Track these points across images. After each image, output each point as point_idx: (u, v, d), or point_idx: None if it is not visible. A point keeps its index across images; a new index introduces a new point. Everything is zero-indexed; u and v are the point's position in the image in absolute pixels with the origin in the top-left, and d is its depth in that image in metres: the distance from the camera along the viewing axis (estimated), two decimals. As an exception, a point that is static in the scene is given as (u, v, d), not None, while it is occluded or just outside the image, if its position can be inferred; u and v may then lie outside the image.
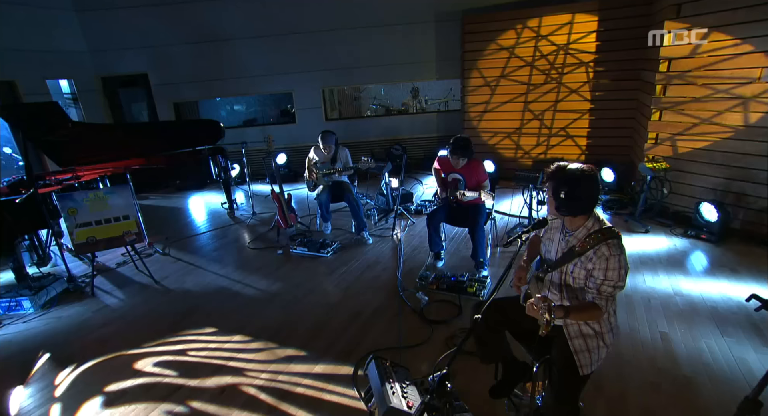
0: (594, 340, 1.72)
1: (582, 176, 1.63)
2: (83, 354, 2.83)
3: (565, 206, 1.66)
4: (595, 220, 1.72)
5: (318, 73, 7.47)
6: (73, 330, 3.15)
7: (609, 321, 1.75)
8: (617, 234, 1.66)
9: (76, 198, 3.45)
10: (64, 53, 6.86)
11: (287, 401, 2.30)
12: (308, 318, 3.11)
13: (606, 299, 1.63)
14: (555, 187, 1.66)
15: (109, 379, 2.55)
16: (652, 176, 4.45)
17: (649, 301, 3.03)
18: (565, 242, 1.76)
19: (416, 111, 8.77)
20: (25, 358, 2.83)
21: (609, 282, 1.62)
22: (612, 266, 1.60)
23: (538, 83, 6.06)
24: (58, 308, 3.47)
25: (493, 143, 6.62)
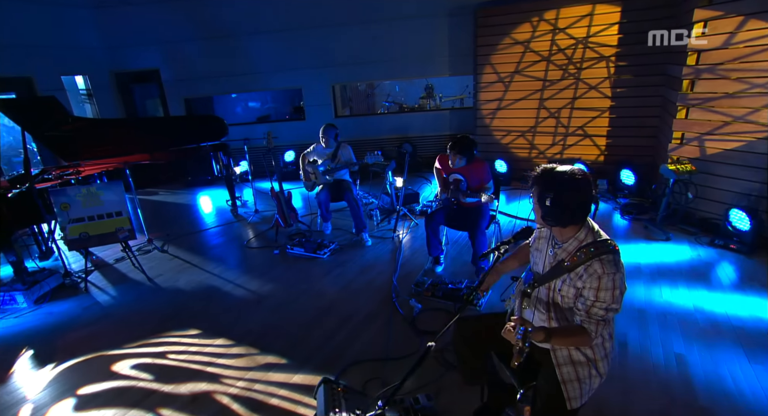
0: (585, 368, 1.50)
1: (571, 180, 1.42)
2: (64, 352, 2.78)
3: (551, 214, 1.45)
4: (588, 231, 1.50)
5: (327, 69, 7.35)
6: (60, 327, 3.12)
7: (603, 346, 1.53)
8: (613, 249, 1.44)
9: (69, 193, 3.43)
10: (79, 49, 6.97)
11: (259, 413, 2.16)
12: (295, 323, 2.98)
13: (597, 323, 1.42)
14: (540, 192, 1.45)
15: (84, 381, 2.49)
16: (675, 179, 4.11)
17: (665, 317, 2.75)
18: (553, 255, 1.55)
19: (430, 109, 8.54)
20: (9, 355, 2.80)
21: (601, 304, 1.40)
22: (605, 285, 1.38)
23: (554, 79, 5.75)
24: (50, 304, 3.47)
25: (506, 142, 6.33)
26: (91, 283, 3.79)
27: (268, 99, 10.89)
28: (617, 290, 1.40)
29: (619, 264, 1.42)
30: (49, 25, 6.45)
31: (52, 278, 3.65)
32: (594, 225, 1.53)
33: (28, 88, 6.37)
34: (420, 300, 3.08)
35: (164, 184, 7.45)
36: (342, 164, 4.40)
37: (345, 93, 9.76)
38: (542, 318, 1.59)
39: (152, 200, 6.69)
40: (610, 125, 5.65)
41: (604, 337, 1.52)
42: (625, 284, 1.45)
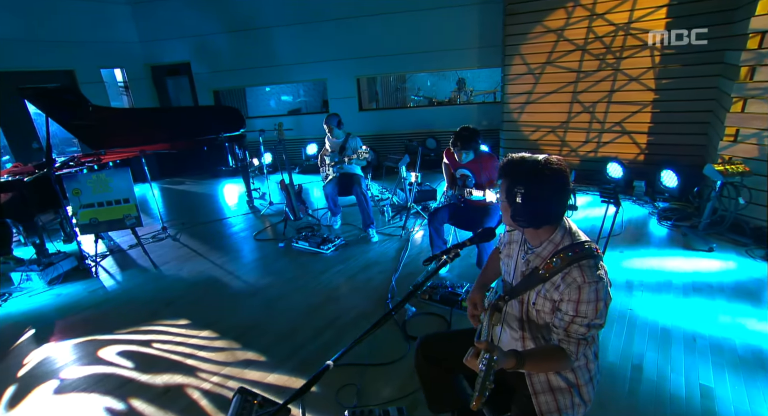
0: (567, 396, 1.26)
1: (545, 171, 1.17)
2: (61, 334, 2.85)
3: (522, 213, 1.21)
4: (565, 232, 1.25)
5: (352, 62, 7.23)
6: (64, 309, 3.21)
7: (587, 368, 1.28)
8: (595, 253, 1.19)
9: (80, 179, 3.53)
10: (116, 44, 7.29)
11: (224, 412, 2.07)
12: (284, 319, 2.88)
13: (577, 342, 1.18)
14: (508, 187, 1.22)
15: (70, 364, 2.52)
16: (723, 181, 3.61)
17: (693, 340, 2.38)
18: (525, 262, 1.31)
19: (460, 103, 8.21)
20: (14, 332, 2.91)
21: (581, 320, 1.16)
22: (586, 297, 1.15)
23: (590, 70, 5.28)
24: (61, 286, 3.59)
25: (535, 139, 5.92)
26: (102, 268, 3.90)
27: (300, 93, 10.98)
28: (601, 302, 1.15)
29: (603, 271, 1.18)
30: (89, 20, 6.78)
31: (67, 261, 3.79)
32: (572, 225, 1.28)
33: (71, 80, 6.74)
34: (416, 303, 2.88)
35: (191, 174, 7.67)
36: (351, 150, 4.25)
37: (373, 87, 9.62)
38: (515, 337, 1.36)
39: (177, 190, 6.90)
40: (652, 120, 5.11)
41: (588, 358, 1.28)
42: (610, 295, 1.20)
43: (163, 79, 8.04)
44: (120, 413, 2.11)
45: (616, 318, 2.59)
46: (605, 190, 2.83)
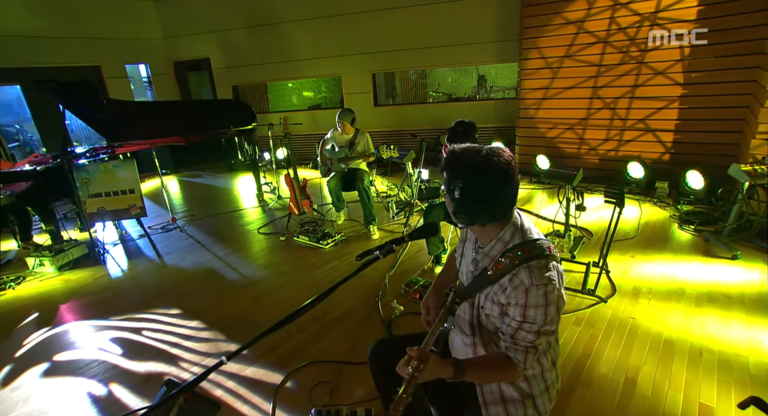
0: (519, 407, 1.16)
1: (484, 164, 1.07)
2: (61, 318, 2.95)
3: (463, 210, 1.11)
4: (516, 230, 1.15)
5: (367, 57, 7.17)
6: (69, 294, 3.33)
7: (543, 377, 1.18)
8: (546, 252, 1.08)
9: (88, 169, 3.65)
10: (141, 40, 7.55)
11: (198, 403, 2.07)
12: (270, 312, 2.87)
13: (525, 350, 1.08)
14: (448, 180, 1.12)
15: (64, 347, 2.60)
16: (751, 182, 3.31)
17: (699, 355, 2.18)
18: (473, 262, 1.21)
19: (479, 99, 8.01)
20: (20, 314, 3.04)
21: (530, 326, 1.06)
22: (533, 301, 1.04)
23: (612, 64, 4.99)
24: (70, 271, 3.74)
25: (552, 136, 5.67)
26: (111, 256, 4.03)
27: (322, 89, 11.05)
28: (551, 306, 1.05)
29: (555, 273, 1.06)
30: (115, 17, 7.04)
31: (78, 249, 3.94)
32: (524, 222, 1.18)
33: (97, 75, 7.03)
34: (406, 302, 2.80)
35: (204, 167, 7.85)
36: (357, 154, 4.22)
37: (391, 82, 9.55)
38: (466, 343, 1.26)
39: (193, 182, 7.08)
40: (679, 117, 4.79)
41: (543, 366, 1.17)
42: (564, 299, 1.09)
43: (184, 74, 8.26)
44: (100, 398, 2.15)
45: (615, 326, 2.41)
46: (610, 189, 2.65)
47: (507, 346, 1.10)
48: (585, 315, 2.52)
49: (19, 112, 6.66)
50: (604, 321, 2.46)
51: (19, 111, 6.64)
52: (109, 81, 7.03)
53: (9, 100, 6.52)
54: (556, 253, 1.11)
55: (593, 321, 2.46)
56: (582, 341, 2.29)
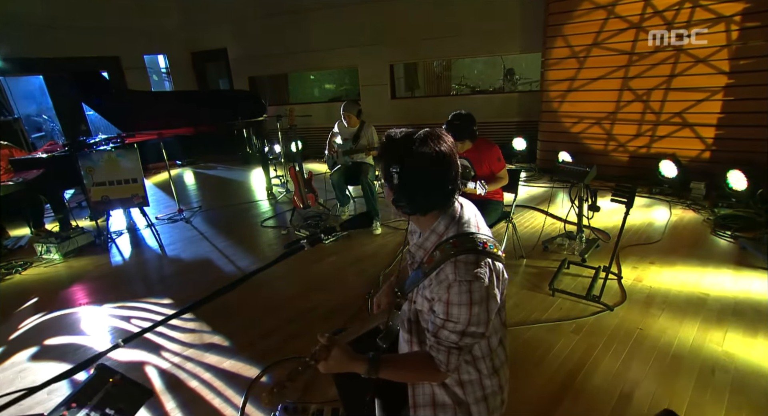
0: (449, 414, 1.12)
1: (424, 146, 1.03)
2: (58, 303, 3.11)
3: (403, 196, 1.07)
4: (452, 221, 1.10)
5: (385, 47, 7.15)
6: (70, 280, 3.51)
7: (481, 384, 1.13)
8: (479, 248, 1.03)
9: (93, 158, 3.82)
10: (159, 31, 7.83)
11: (173, 392, 2.13)
12: (258, 306, 2.91)
13: (448, 351, 1.03)
14: (384, 167, 1.09)
15: (56, 332, 2.73)
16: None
17: (711, 374, 2.03)
18: (410, 254, 1.17)
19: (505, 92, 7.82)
20: (21, 298, 3.23)
21: (453, 325, 1.02)
22: (456, 298, 0.99)
23: (645, 52, 4.74)
24: (75, 258, 3.94)
25: (577, 131, 5.46)
26: (115, 244, 4.22)
27: (345, 81, 11.12)
28: (476, 306, 0.99)
29: (485, 270, 1.01)
30: (134, 7, 7.34)
31: (83, 236, 4.14)
32: (463, 213, 1.12)
33: (116, 66, 7.36)
34: (396, 301, 2.77)
35: (222, 159, 8.07)
36: (361, 147, 4.20)
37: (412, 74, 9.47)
38: (405, 339, 1.22)
39: (206, 174, 7.30)
40: (722, 110, 4.49)
41: (481, 372, 1.12)
42: (498, 299, 1.04)
43: (202, 65, 8.52)
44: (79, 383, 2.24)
45: (618, 336, 2.29)
46: (620, 187, 2.51)
47: (430, 345, 1.06)
48: (586, 323, 2.41)
49: (41, 101, 7.07)
50: (606, 330, 2.34)
51: (42, 101, 7.05)
52: (127, 72, 7.35)
53: (32, 90, 6.93)
54: (494, 250, 1.06)
55: (594, 330, 2.35)
56: (578, 350, 2.19)
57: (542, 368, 2.07)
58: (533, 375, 2.05)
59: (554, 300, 2.63)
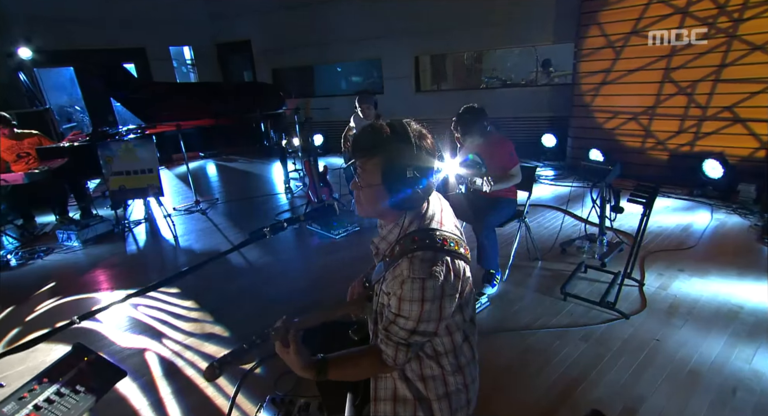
0: (409, 409, 1.14)
1: (385, 138, 1.05)
2: (73, 288, 3.33)
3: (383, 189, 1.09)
4: (416, 215, 1.11)
5: (410, 39, 7.13)
6: (86, 267, 3.75)
7: (444, 381, 1.15)
8: (438, 245, 1.04)
9: (112, 148, 4.06)
10: (185, 22, 8.14)
11: (170, 378, 2.25)
12: (261, 300, 3.02)
13: (396, 347, 1.05)
14: (348, 157, 1.12)
15: (66, 316, 2.93)
16: None
17: (733, 393, 1.93)
18: (374, 246, 1.20)
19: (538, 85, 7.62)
20: (40, 282, 3.48)
21: (403, 321, 1.04)
22: (408, 294, 1.01)
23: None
24: (93, 246, 4.19)
25: (611, 128, 5.26)
26: (132, 234, 4.46)
27: (373, 74, 11.18)
28: (428, 303, 1.00)
29: (442, 268, 1.01)
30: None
31: (102, 225, 4.40)
32: (429, 208, 1.14)
33: (142, 57, 7.73)
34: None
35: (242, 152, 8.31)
36: None
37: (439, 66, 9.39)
38: (372, 330, 1.26)
39: (227, 166, 7.56)
40: (780, 104, 4.20)
41: (445, 368, 1.14)
42: (454, 298, 1.05)
43: (227, 57, 8.80)
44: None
45: (631, 347, 2.21)
46: (641, 186, 2.41)
47: (381, 338, 1.08)
48: (597, 330, 2.34)
49: (72, 92, 7.54)
50: (618, 339, 2.27)
51: (72, 91, 7.52)
52: (153, 63, 7.70)
53: (63, 81, 7.41)
54: (454, 247, 1.06)
55: (605, 338, 2.28)
56: (584, 359, 2.13)
57: (542, 375, 2.04)
58: (531, 382, 2.02)
59: (565, 305, 2.58)
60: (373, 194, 1.08)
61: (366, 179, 1.08)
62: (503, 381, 2.02)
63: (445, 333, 1.12)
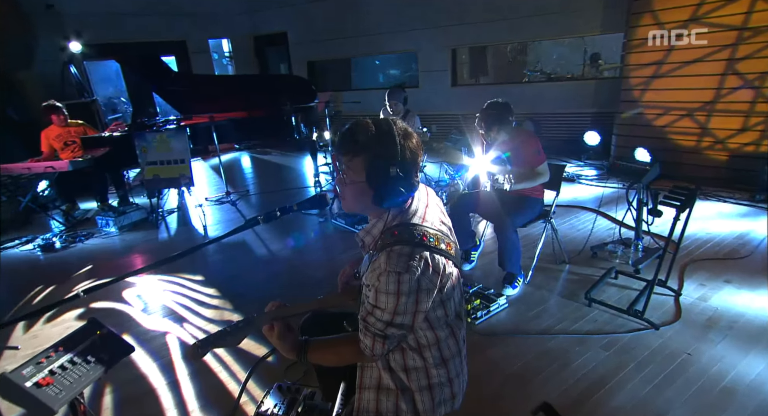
0: (391, 399, 1.19)
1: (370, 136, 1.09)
2: (108, 271, 3.61)
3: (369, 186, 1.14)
4: (399, 210, 1.16)
5: (447, 30, 7.10)
6: (121, 252, 4.06)
7: (427, 373, 1.19)
8: (417, 240, 1.08)
9: (147, 138, 4.33)
10: (224, 14, 8.49)
11: (186, 361, 2.41)
12: (281, 289, 3.16)
13: (373, 337, 1.10)
14: (337, 157, 1.18)
15: (100, 297, 3.19)
16: None
17: None
18: (360, 239, 1.25)
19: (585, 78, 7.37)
20: (80, 264, 3.81)
21: (380, 313, 1.09)
22: (384, 287, 1.06)
23: (763, 25, 4.19)
24: (128, 233, 4.51)
25: (662, 125, 5.01)
26: (165, 222, 4.76)
27: (412, 67, 11.21)
28: (403, 296, 1.04)
29: (419, 262, 1.05)
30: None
31: (138, 213, 4.72)
32: (412, 203, 1.18)
33: (183, 50, 8.16)
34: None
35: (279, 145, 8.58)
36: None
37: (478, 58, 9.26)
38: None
39: (261, 158, 7.85)
40: None
41: (427, 360, 1.18)
42: (432, 294, 1.09)
43: (263, 49, 9.11)
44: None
45: (658, 358, 2.14)
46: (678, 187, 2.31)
47: (360, 328, 1.14)
48: (621, 339, 2.27)
49: (118, 84, 8.09)
50: (644, 350, 2.19)
51: (118, 84, 8.06)
52: (192, 56, 8.11)
53: (110, 73, 7.96)
54: (434, 243, 1.10)
55: (630, 348, 2.21)
56: (603, 368, 2.08)
57: (555, 380, 2.02)
58: (543, 386, 2.00)
59: (590, 311, 2.51)
60: (357, 190, 1.13)
61: (350, 176, 1.13)
62: (512, 384, 2.02)
63: (427, 327, 1.16)
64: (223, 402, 2.08)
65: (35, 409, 1.06)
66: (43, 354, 1.17)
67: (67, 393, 1.12)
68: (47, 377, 1.12)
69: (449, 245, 1.16)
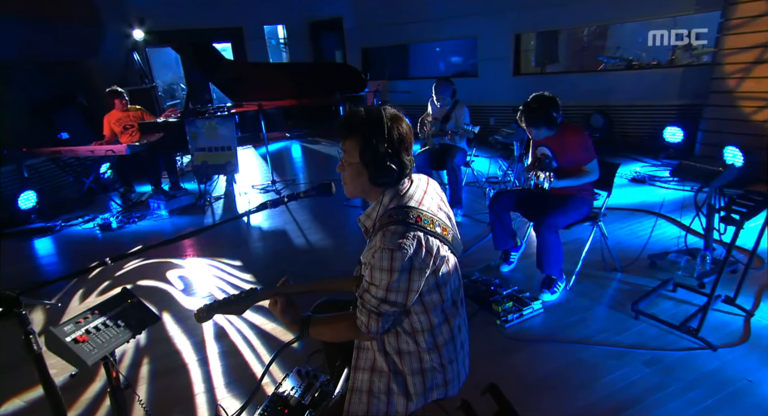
0: (384, 381, 1.31)
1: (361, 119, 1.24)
2: (156, 252, 4.00)
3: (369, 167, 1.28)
4: (396, 194, 1.28)
5: (510, 13, 6.98)
6: (169, 233, 4.49)
7: (419, 357, 1.29)
8: (410, 221, 1.19)
9: (197, 124, 4.72)
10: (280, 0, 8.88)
11: (218, 340, 2.67)
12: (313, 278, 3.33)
13: (368, 314, 1.22)
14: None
15: (146, 275, 3.58)
16: None
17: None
18: (361, 223, 1.38)
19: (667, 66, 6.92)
20: (131, 243, 4.27)
21: (375, 289, 1.21)
22: (378, 263, 1.18)
23: None
24: (179, 216, 4.96)
25: (761, 120, 4.61)
26: (211, 207, 5.16)
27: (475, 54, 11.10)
28: (398, 274, 1.16)
29: (411, 242, 1.16)
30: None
31: (186, 197, 5.17)
32: (410, 188, 1.29)
33: (239, 36, 8.67)
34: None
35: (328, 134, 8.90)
36: (446, 132, 4.30)
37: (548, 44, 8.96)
38: None
39: (310, 148, 8.20)
40: None
41: (420, 345, 1.28)
42: (421, 274, 1.19)
43: (318, 35, 9.43)
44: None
45: (710, 381, 2.05)
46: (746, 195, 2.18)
47: (357, 305, 1.26)
48: (669, 357, 2.20)
49: (176, 71, 8.77)
50: (694, 371, 2.10)
51: (177, 70, 8.73)
52: (248, 43, 8.59)
53: (169, 60, 8.64)
54: (428, 225, 1.21)
55: (677, 367, 2.13)
56: (642, 384, 2.03)
57: (584, 392, 2.01)
58: (568, 397, 2.00)
59: (635, 324, 2.44)
60: (354, 171, 1.27)
61: (347, 159, 1.28)
62: (533, 392, 2.04)
63: (422, 311, 1.26)
64: (246, 381, 2.30)
65: (73, 361, 1.28)
66: (82, 314, 1.40)
67: (99, 350, 1.33)
68: (83, 335, 1.34)
69: (445, 229, 1.26)
